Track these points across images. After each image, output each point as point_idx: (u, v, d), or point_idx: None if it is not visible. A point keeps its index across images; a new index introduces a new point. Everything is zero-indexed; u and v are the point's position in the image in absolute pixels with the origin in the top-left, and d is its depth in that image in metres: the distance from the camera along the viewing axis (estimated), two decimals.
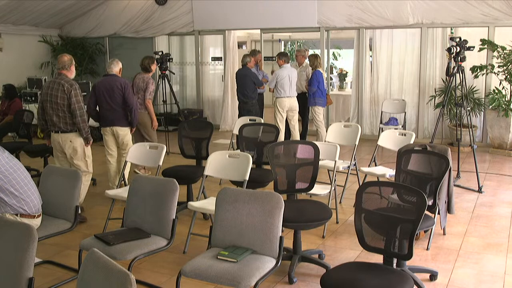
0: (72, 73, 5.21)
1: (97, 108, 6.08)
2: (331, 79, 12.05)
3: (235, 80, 8.83)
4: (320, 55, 9.15)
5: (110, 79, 5.98)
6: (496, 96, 8.12)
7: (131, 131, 6.15)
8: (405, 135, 5.66)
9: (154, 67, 7.03)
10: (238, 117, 7.80)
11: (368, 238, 3.09)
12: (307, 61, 8.94)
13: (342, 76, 12.25)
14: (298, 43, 15.39)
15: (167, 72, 8.74)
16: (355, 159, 5.83)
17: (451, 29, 9.24)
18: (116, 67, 6.12)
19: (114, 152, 6.09)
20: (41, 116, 5.30)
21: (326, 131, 6.19)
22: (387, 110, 9.21)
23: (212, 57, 11.53)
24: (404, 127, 8.91)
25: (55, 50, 12.15)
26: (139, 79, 6.95)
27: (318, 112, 8.31)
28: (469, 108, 6.94)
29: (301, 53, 9.15)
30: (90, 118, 6.16)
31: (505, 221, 5.12)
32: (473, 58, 8.59)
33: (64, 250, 4.41)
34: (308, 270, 4.00)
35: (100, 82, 6.04)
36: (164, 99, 9.02)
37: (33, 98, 10.29)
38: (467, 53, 6.79)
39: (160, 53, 8.69)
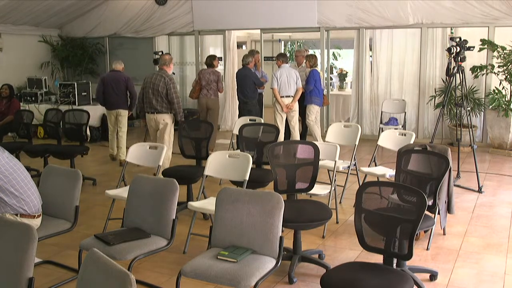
0: (170, 69, 6.59)
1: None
2: (331, 79, 12.04)
3: (235, 80, 8.85)
4: (318, 55, 9.14)
5: (116, 74, 7.87)
6: (496, 96, 8.12)
7: (128, 113, 7.97)
8: (405, 135, 5.66)
9: (217, 62, 8.59)
10: (238, 117, 7.80)
11: (368, 238, 3.09)
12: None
13: (342, 76, 12.23)
14: (298, 43, 15.38)
15: None
16: (355, 159, 5.83)
17: (451, 29, 9.24)
18: (120, 66, 8.01)
19: (115, 128, 7.98)
20: (141, 100, 6.69)
21: (326, 131, 6.19)
22: (387, 110, 9.21)
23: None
24: (404, 127, 8.91)
25: (55, 50, 12.15)
26: (208, 73, 8.38)
27: (312, 111, 8.28)
28: (469, 108, 6.94)
29: (301, 54, 9.16)
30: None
31: (505, 221, 5.12)
32: (473, 58, 8.60)
33: (64, 250, 4.41)
34: (308, 270, 4.00)
35: (108, 75, 7.97)
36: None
37: (33, 98, 10.28)
38: (467, 53, 6.80)
39: (160, 53, 8.68)
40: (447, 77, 8.07)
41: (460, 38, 6.50)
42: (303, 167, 4.27)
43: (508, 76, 8.08)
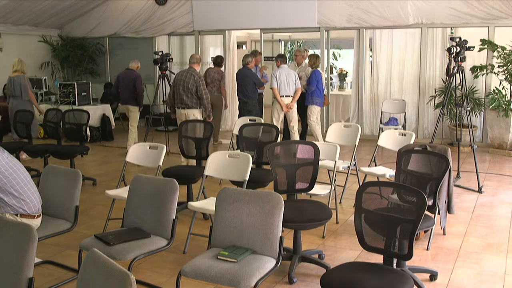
0: (199, 67, 7.10)
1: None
2: (331, 79, 12.04)
3: (235, 80, 8.86)
4: (320, 55, 9.15)
5: (128, 72, 8.58)
6: (496, 96, 8.12)
7: (139, 110, 8.56)
8: (405, 135, 5.66)
9: (223, 63, 9.24)
10: (238, 117, 7.80)
11: (368, 238, 3.08)
12: (306, 61, 8.96)
13: (342, 76, 12.24)
14: (298, 43, 15.39)
15: (167, 72, 8.74)
16: (355, 159, 5.83)
17: (451, 29, 9.25)
18: (135, 64, 8.75)
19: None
20: (171, 96, 7.17)
21: (326, 131, 6.19)
22: (387, 110, 9.21)
23: (212, 57, 11.51)
24: (404, 127, 8.91)
25: (55, 50, 12.15)
26: (213, 72, 9.07)
27: (313, 112, 8.30)
28: (469, 108, 6.94)
29: (301, 53, 9.17)
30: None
31: (505, 221, 5.12)
32: (473, 58, 8.60)
33: (64, 250, 4.41)
34: (308, 270, 4.00)
35: (121, 73, 8.67)
36: (164, 99, 9.02)
37: None
38: (467, 53, 6.79)
39: (160, 53, 8.68)
40: (447, 77, 8.07)
41: (460, 38, 6.49)
42: (303, 167, 4.27)
43: (508, 76, 8.08)
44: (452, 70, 6.52)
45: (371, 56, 10.03)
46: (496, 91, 8.23)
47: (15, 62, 8.18)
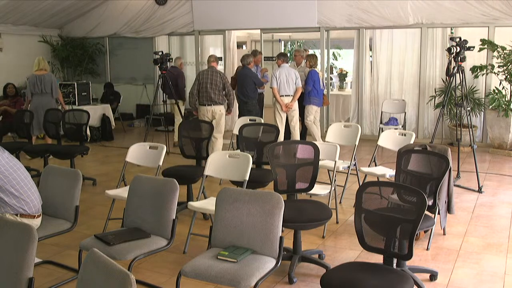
0: (217, 66, 7.51)
1: None
2: (331, 79, 12.04)
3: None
4: (317, 55, 9.15)
5: (172, 70, 9.23)
6: (496, 96, 8.12)
7: (182, 104, 9.27)
8: (405, 135, 5.66)
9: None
10: (238, 117, 7.81)
11: (368, 238, 3.08)
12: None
13: (342, 76, 12.24)
14: (298, 43, 15.39)
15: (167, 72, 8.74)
16: (355, 159, 5.83)
17: (451, 29, 9.25)
18: (178, 61, 9.71)
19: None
20: (195, 94, 7.38)
21: (326, 131, 6.19)
22: (387, 110, 9.21)
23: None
24: (404, 127, 8.91)
25: (55, 50, 12.15)
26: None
27: (311, 112, 8.29)
28: (469, 108, 6.94)
29: (300, 53, 9.16)
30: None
31: (505, 221, 5.12)
32: (473, 58, 8.60)
33: (64, 250, 4.41)
34: (308, 270, 4.00)
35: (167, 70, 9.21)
36: (164, 99, 9.03)
37: None
38: (467, 53, 6.79)
39: (160, 53, 8.68)
40: (447, 77, 8.07)
41: (460, 38, 6.49)
42: (303, 167, 4.27)
43: (508, 76, 8.08)
44: (452, 70, 6.52)
45: (371, 56, 10.03)
46: (496, 91, 8.23)
47: (40, 60, 7.99)
